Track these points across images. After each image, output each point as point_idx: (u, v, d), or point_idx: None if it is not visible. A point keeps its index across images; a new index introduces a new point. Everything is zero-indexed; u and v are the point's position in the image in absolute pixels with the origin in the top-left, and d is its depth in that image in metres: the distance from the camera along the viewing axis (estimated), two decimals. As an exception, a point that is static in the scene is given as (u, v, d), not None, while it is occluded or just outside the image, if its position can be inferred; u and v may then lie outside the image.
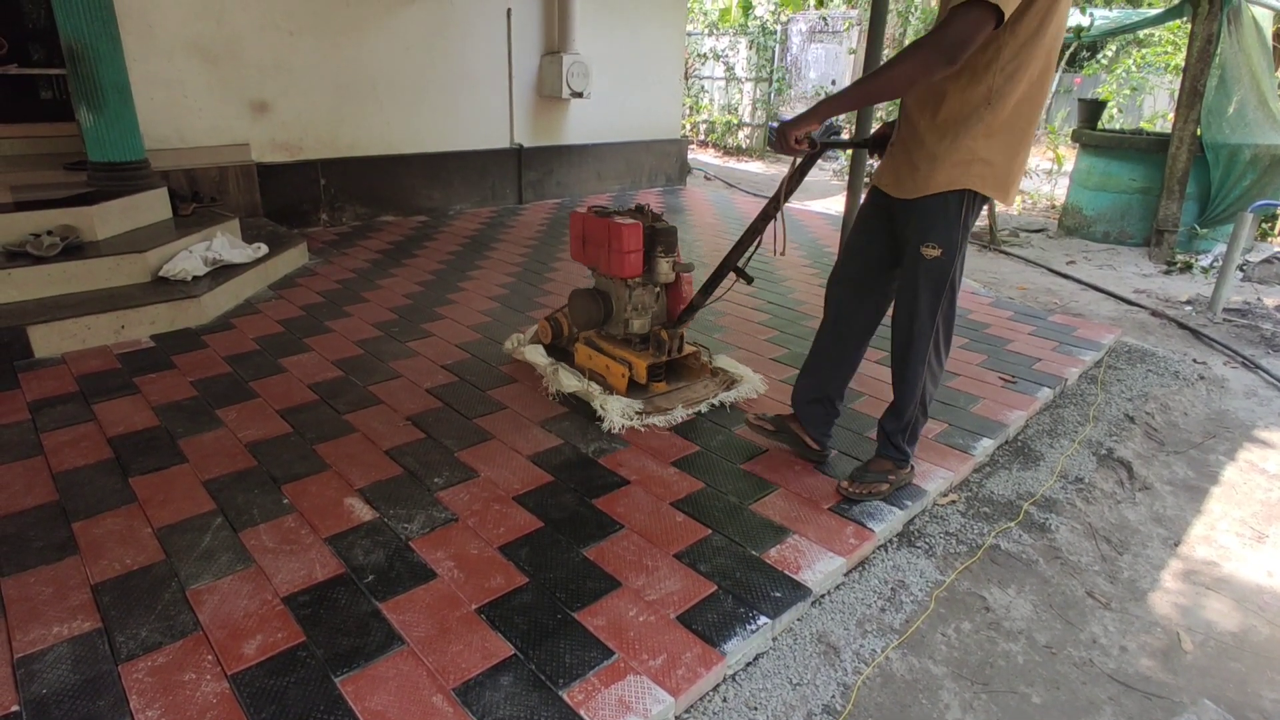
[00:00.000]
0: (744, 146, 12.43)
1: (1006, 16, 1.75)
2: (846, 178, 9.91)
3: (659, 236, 2.95)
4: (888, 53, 11.65)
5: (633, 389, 2.99)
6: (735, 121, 12.43)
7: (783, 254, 2.49)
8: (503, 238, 5.63)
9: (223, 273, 3.89)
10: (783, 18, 12.67)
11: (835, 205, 8.16)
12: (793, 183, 2.35)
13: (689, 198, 7.80)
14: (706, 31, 12.68)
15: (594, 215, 2.97)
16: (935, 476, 2.52)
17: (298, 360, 3.24)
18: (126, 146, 3.98)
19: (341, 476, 2.36)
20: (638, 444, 2.63)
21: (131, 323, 3.37)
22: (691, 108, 12.69)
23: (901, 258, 2.19)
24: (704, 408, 2.96)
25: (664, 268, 2.96)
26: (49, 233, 3.45)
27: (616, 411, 2.82)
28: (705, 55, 12.73)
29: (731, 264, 2.75)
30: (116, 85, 3.86)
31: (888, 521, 2.27)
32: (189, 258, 3.80)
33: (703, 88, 13.05)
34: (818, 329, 2.46)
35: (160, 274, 3.69)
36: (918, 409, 2.30)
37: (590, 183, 7.44)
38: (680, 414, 2.87)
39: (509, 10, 6.36)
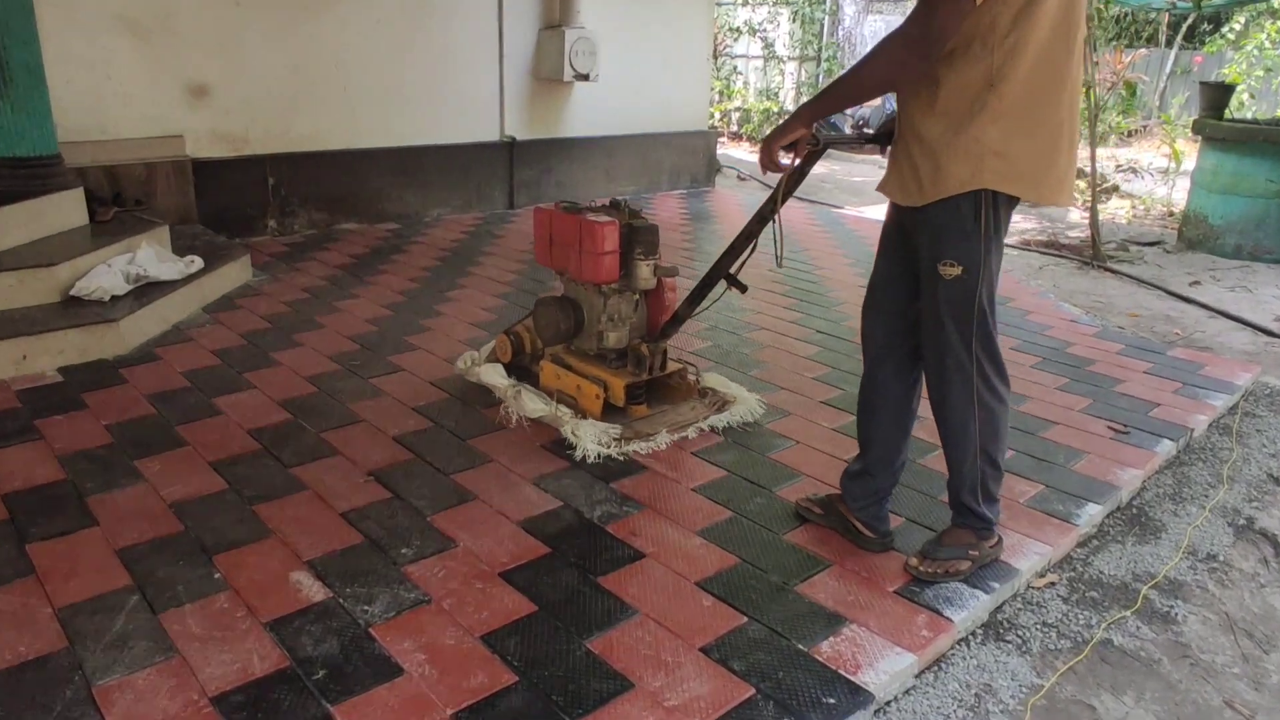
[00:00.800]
0: (786, 139, 12.52)
1: None
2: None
3: (638, 236, 3.03)
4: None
5: (608, 412, 3.07)
6: (775, 109, 12.56)
7: (780, 265, 2.55)
8: (490, 250, 5.68)
9: (148, 291, 3.94)
10: (834, -16, 12.89)
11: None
12: (792, 182, 2.40)
13: (718, 203, 7.86)
14: (740, 1, 12.87)
15: (562, 211, 3.08)
16: (1029, 552, 2.49)
17: (236, 400, 3.25)
18: (36, 138, 4.06)
19: (287, 545, 2.36)
20: (655, 507, 2.62)
21: (35, 352, 3.41)
22: (722, 93, 12.84)
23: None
24: (692, 432, 3.08)
25: (644, 272, 3.04)
26: (-61, 243, 3.51)
27: (591, 438, 2.91)
28: (738, 29, 12.91)
29: (723, 271, 2.84)
30: (27, 65, 3.95)
31: (970, 609, 2.23)
32: (107, 273, 3.85)
33: (735, 68, 13.23)
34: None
35: (72, 293, 3.73)
36: (981, 462, 2.26)
37: (597, 184, 7.51)
38: (664, 439, 3.00)
39: (501, -24, 6.50)
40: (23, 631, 2.00)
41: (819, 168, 11.07)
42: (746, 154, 12.23)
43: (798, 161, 2.26)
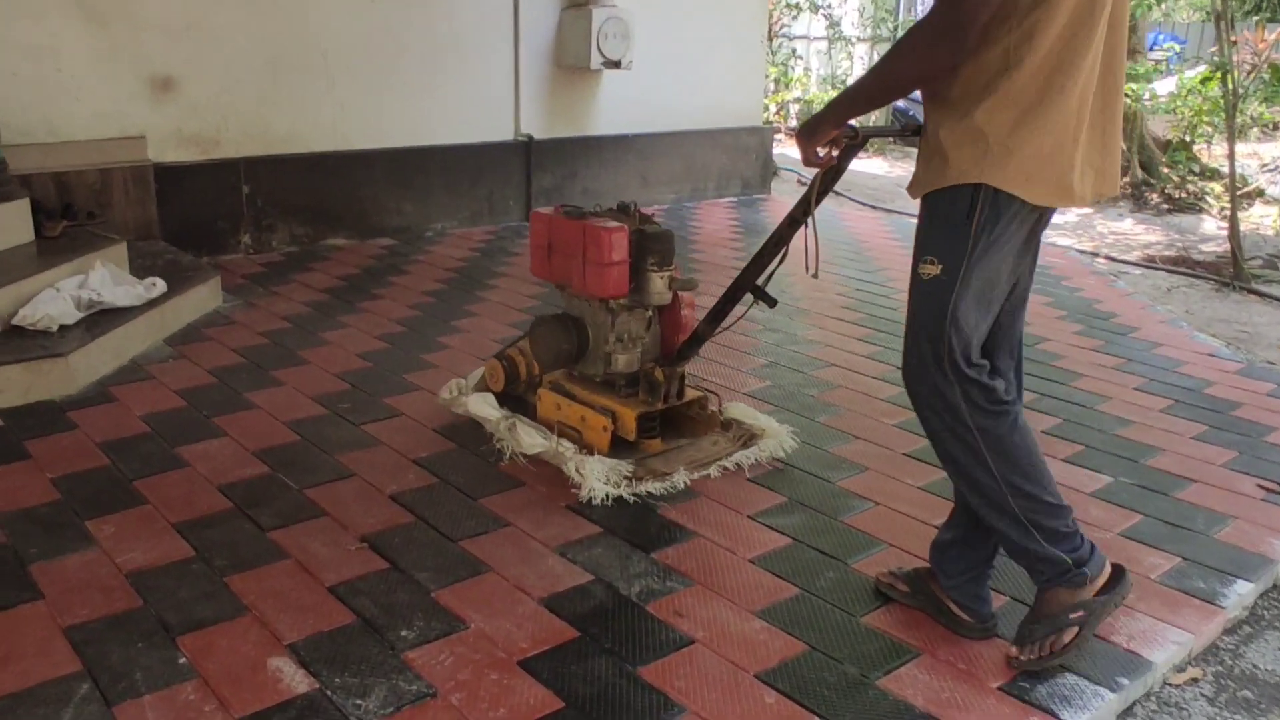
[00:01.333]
0: (856, 136, 12.56)
1: None
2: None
3: (651, 244, 3.10)
4: None
5: (617, 447, 3.14)
6: (843, 100, 12.60)
7: (815, 276, 2.64)
8: (504, 269, 5.73)
9: (102, 320, 4.02)
10: (912, -50, 12.97)
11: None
12: (827, 180, 2.46)
13: (775, 212, 7.88)
14: (799, -29, 13.01)
15: (563, 216, 3.20)
16: (1165, 640, 2.44)
17: (205, 450, 3.29)
18: (-24, 141, 4.18)
19: (265, 625, 2.37)
20: (705, 582, 2.61)
21: (-29, 392, 3.48)
22: (778, 81, 12.93)
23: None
24: (715, 471, 3.17)
25: (658, 285, 3.11)
26: None
27: (598, 476, 2.98)
28: (798, 5, 13.02)
29: (749, 283, 2.90)
30: (-33, 57, 4.08)
31: (1093, 710, 2.20)
32: (55, 299, 3.93)
33: (794, 52, 13.31)
34: None
35: (14, 322, 3.82)
36: (1012, 496, 2.20)
37: (631, 190, 7.58)
38: (682, 478, 3.09)
39: (518, -54, 6.62)
40: (-46, 727, 2.02)
41: (897, 170, 11.11)
42: (808, 154, 12.26)
43: (835, 155, 2.36)
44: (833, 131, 2.26)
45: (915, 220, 2.25)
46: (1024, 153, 2.03)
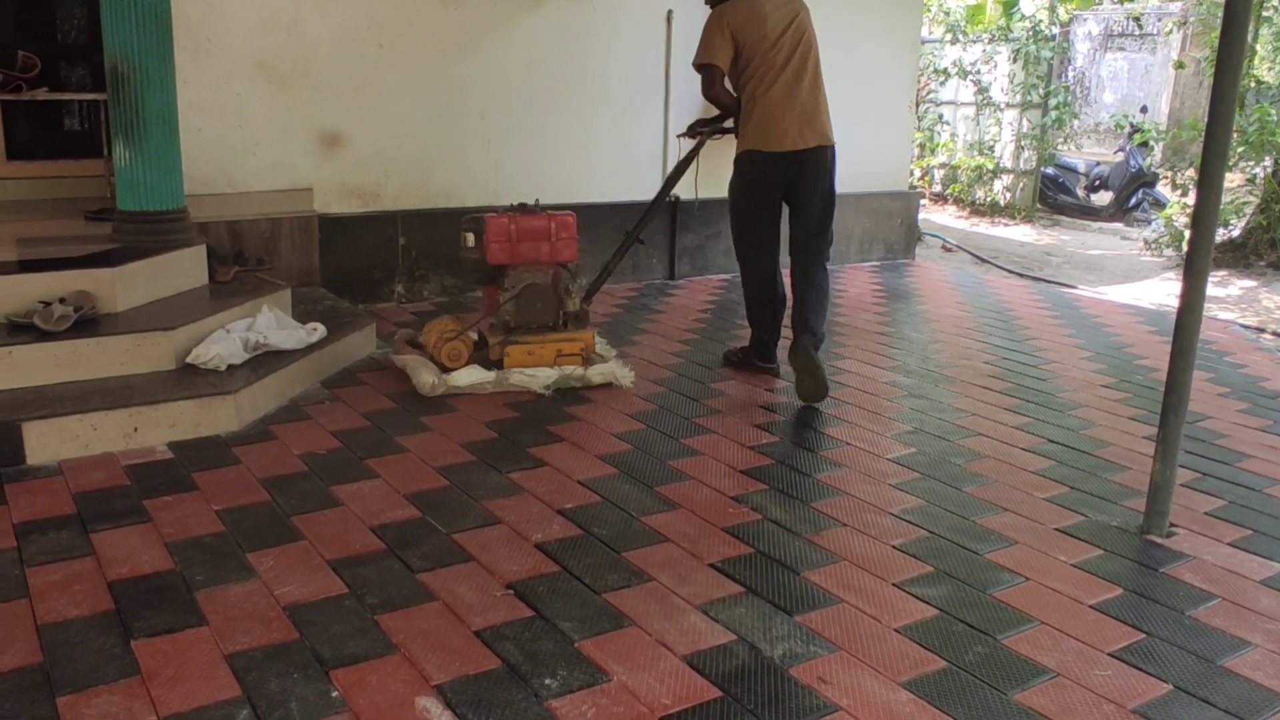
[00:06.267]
0: (1002, 203, 12.36)
1: (725, 69, 4.67)
2: (1168, 251, 9.64)
3: None
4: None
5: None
6: (989, 166, 12.43)
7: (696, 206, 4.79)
8: (647, 326, 5.80)
9: (265, 361, 4.21)
10: (1063, 16, 12.74)
11: (1149, 292, 7.90)
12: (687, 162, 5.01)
13: (920, 277, 7.79)
14: (949, 39, 12.92)
15: (519, 213, 4.57)
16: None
17: (358, 490, 3.40)
18: (164, 191, 4.46)
19: (413, 664, 2.42)
20: (849, 649, 2.56)
21: (147, 424, 3.69)
22: (923, 146, 12.83)
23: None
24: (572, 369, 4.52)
25: None
26: (61, 300, 3.87)
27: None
28: (946, 71, 12.93)
29: (633, 237, 5.15)
30: (162, 114, 4.38)
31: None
32: (225, 340, 4.14)
33: (940, 117, 13.20)
34: None
35: (189, 360, 4.03)
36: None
37: (773, 252, 7.57)
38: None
39: (669, 12, 6.76)
40: (125, 742, 2.12)
41: (1045, 238, 10.88)
42: (952, 218, 12.13)
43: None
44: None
45: (1067, 289, 2.22)
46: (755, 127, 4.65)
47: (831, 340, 5.65)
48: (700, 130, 5.18)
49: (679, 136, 5.34)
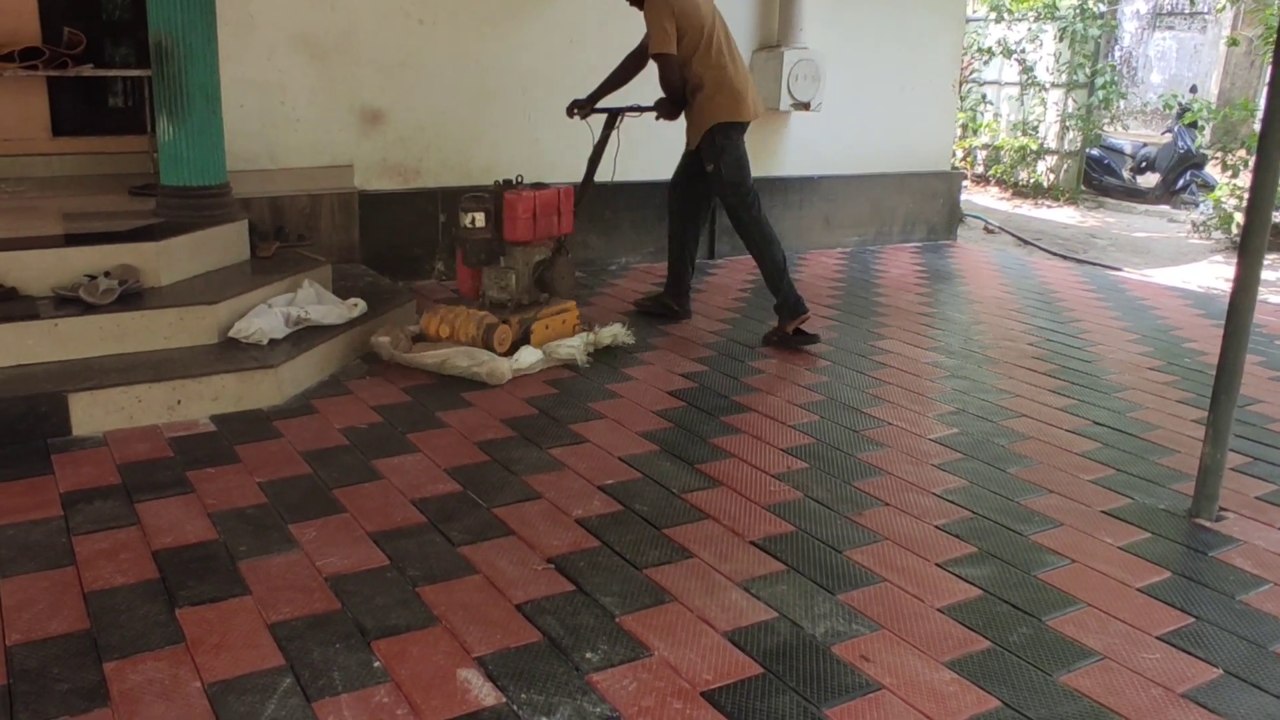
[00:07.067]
0: (1045, 185, 12.19)
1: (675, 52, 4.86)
2: (1217, 234, 9.47)
3: None
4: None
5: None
6: (1033, 147, 12.26)
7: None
8: (685, 306, 5.77)
9: (306, 336, 4.23)
10: (1112, -6, 12.52)
11: (1197, 275, 7.77)
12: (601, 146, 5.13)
13: (962, 259, 7.71)
14: (993, 17, 12.74)
15: (535, 190, 4.57)
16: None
17: (398, 464, 3.42)
18: (208, 166, 4.49)
19: (454, 636, 2.43)
20: (892, 628, 2.54)
21: (189, 397, 3.72)
22: (965, 126, 12.67)
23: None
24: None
25: None
26: (106, 274, 3.90)
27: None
28: (990, 50, 12.75)
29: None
30: (205, 90, 4.40)
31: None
32: (267, 314, 4.16)
33: (983, 97, 13.03)
34: None
35: (230, 334, 4.06)
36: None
37: (814, 232, 7.54)
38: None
39: (713, -11, 6.70)
40: (171, 706, 2.14)
41: (1090, 220, 10.73)
42: (995, 200, 11.98)
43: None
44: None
45: (1113, 272, 2.18)
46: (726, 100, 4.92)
47: (873, 320, 5.61)
48: (578, 108, 5.23)
49: (570, 117, 5.26)
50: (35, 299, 3.89)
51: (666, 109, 5.09)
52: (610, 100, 5.23)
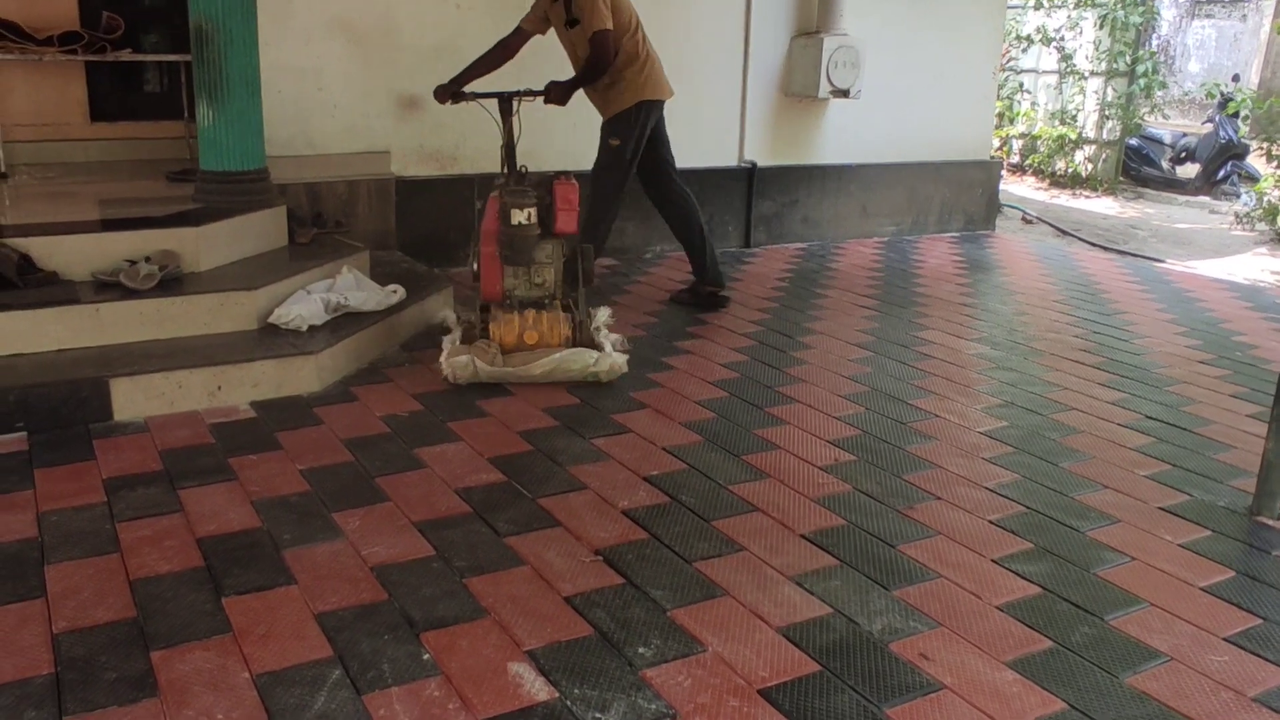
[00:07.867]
0: (1084, 174, 12.03)
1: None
2: (1261, 225, 9.32)
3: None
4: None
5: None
6: (1072, 136, 12.09)
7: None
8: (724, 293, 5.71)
9: (345, 323, 4.20)
10: (1153, -17, 12.32)
11: (1241, 267, 7.63)
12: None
13: (1000, 250, 7.61)
14: (1032, 4, 12.56)
15: (565, 180, 4.41)
16: None
17: (441, 453, 3.39)
18: (247, 152, 4.47)
19: (504, 629, 2.39)
20: (950, 626, 2.48)
21: (230, 383, 3.70)
22: (1002, 115, 12.51)
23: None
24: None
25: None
26: (146, 259, 3.89)
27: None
28: (1028, 38, 12.58)
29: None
30: (244, 75, 4.38)
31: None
32: (307, 300, 4.14)
33: (1021, 85, 12.87)
34: None
35: (270, 320, 4.04)
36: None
37: (850, 220, 7.46)
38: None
39: (752, -24, 6.64)
40: (220, 697, 2.12)
41: (1129, 211, 10.58)
42: (1031, 190, 11.84)
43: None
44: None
45: (1156, 264, 2.10)
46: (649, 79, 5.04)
47: (914, 310, 5.53)
48: (453, 90, 4.81)
49: (440, 103, 4.83)
50: (75, 283, 3.88)
51: (558, 93, 4.88)
52: (483, 86, 4.83)
